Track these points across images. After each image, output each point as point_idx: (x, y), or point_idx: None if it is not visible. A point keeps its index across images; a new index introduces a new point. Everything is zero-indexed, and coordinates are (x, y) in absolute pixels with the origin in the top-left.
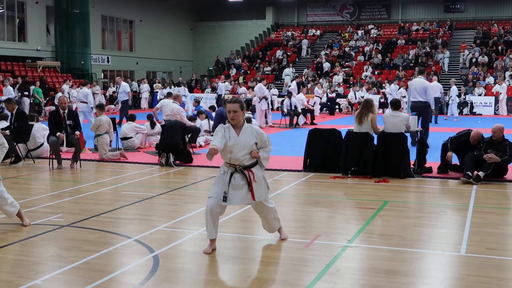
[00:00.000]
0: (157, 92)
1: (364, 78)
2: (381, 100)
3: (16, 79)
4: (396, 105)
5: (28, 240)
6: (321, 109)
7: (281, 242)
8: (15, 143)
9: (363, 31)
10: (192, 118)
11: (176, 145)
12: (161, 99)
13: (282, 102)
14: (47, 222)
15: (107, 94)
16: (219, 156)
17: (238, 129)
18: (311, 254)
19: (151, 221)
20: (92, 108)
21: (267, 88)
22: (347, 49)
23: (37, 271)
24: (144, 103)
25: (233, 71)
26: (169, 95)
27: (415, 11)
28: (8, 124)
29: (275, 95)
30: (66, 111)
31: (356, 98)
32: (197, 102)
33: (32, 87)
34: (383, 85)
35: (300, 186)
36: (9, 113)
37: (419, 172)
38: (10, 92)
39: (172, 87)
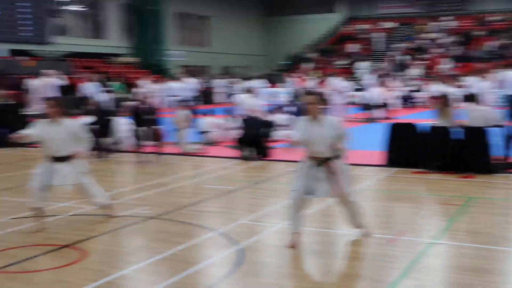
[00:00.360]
0: (234, 86)
1: (441, 71)
2: (461, 94)
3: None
4: (476, 99)
5: (117, 231)
6: (398, 103)
7: (365, 237)
8: (99, 138)
9: (440, 23)
10: (270, 112)
11: (255, 139)
12: (238, 94)
13: (357, 96)
14: (134, 214)
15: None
16: (297, 150)
17: (317, 122)
18: (395, 250)
19: (233, 214)
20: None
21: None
22: (422, 41)
23: (126, 261)
24: (220, 98)
25: (305, 65)
26: (246, 89)
27: (493, 1)
28: (92, 119)
29: (346, 89)
30: (146, 106)
31: (434, 92)
32: (273, 96)
33: (113, 83)
34: (462, 78)
35: (382, 181)
36: (92, 109)
37: (503, 167)
38: (93, 88)
39: (252, 80)
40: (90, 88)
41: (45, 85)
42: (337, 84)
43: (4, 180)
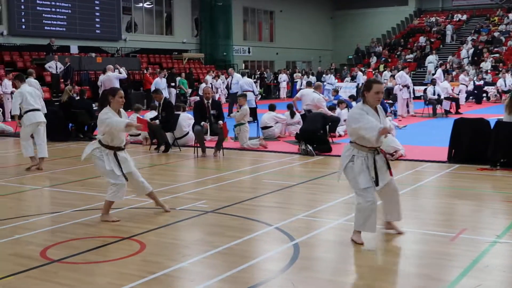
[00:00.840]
0: (297, 81)
1: None
2: None
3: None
4: None
5: (175, 225)
6: (467, 98)
7: (424, 235)
8: (163, 132)
9: None
10: (332, 108)
11: (314, 135)
12: (301, 89)
13: (425, 90)
14: (192, 208)
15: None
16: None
17: (376, 110)
18: (456, 248)
19: (291, 209)
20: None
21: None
22: (496, 33)
23: (184, 254)
24: (282, 93)
25: (373, 60)
26: (309, 84)
27: None
28: (156, 114)
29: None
30: (210, 101)
31: (506, 86)
32: (336, 91)
33: (178, 78)
34: None
35: (444, 177)
36: (157, 104)
37: None
38: (161, 83)
39: (316, 75)
40: (159, 84)
41: (109, 79)
42: (404, 78)
43: (71, 173)
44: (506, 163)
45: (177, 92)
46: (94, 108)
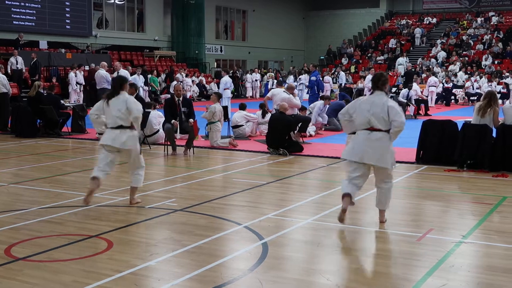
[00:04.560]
0: (268, 81)
1: (483, 68)
2: (502, 91)
3: (134, 68)
4: None
5: (143, 223)
6: (436, 100)
7: (392, 235)
8: None
9: (483, 18)
10: (302, 108)
11: (284, 135)
12: (272, 88)
13: (395, 92)
14: (161, 206)
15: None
16: (329, 147)
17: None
18: (423, 248)
19: (260, 208)
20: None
21: None
22: (465, 37)
23: (152, 252)
24: (249, 92)
25: (345, 61)
26: (279, 84)
27: None
28: None
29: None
30: (181, 99)
31: (474, 89)
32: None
33: (149, 76)
34: (503, 75)
35: (412, 178)
36: None
37: None
38: (138, 80)
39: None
40: (136, 81)
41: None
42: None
43: (39, 170)
44: (473, 164)
45: (148, 89)
46: (63, 104)
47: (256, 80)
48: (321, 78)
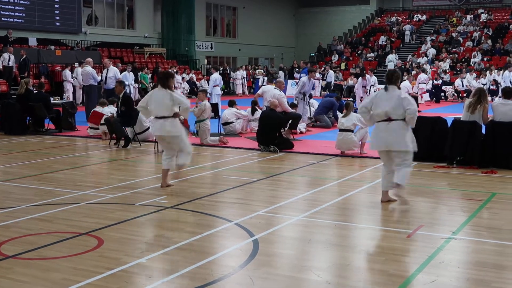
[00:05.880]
0: (258, 78)
1: (472, 65)
2: (492, 88)
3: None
4: (509, 93)
5: (134, 220)
6: (427, 97)
7: (382, 232)
8: (123, 127)
9: (472, 15)
10: (293, 105)
11: (273, 132)
12: (262, 85)
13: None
14: (152, 203)
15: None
16: (319, 144)
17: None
18: (413, 244)
19: (251, 205)
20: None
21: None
22: (454, 34)
23: (142, 250)
24: (239, 89)
25: (335, 58)
26: (270, 81)
27: None
28: (115, 108)
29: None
30: None
31: (463, 86)
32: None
33: (139, 73)
34: (492, 71)
35: None
36: (116, 98)
37: None
38: (129, 77)
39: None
40: (126, 78)
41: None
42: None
43: (28, 167)
44: (462, 161)
45: (138, 86)
46: (52, 101)
47: (243, 78)
48: None
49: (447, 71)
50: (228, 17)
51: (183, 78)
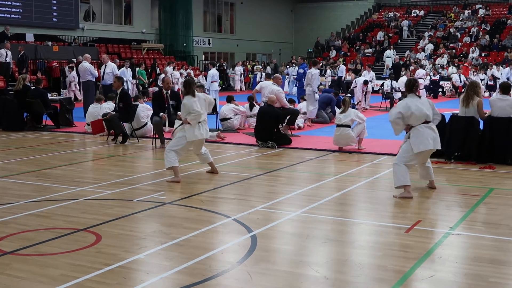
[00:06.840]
0: (256, 74)
1: (470, 60)
2: (489, 83)
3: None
4: (507, 89)
5: (132, 216)
6: (425, 92)
7: (380, 227)
8: (121, 123)
9: (470, 11)
10: (291, 101)
11: (271, 128)
12: (260, 81)
13: (382, 84)
14: (150, 199)
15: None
16: (317, 140)
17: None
18: (411, 240)
19: (249, 201)
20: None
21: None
22: (452, 30)
23: (140, 245)
24: (237, 85)
25: (333, 53)
26: (268, 76)
27: None
28: (113, 104)
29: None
30: (169, 92)
31: (461, 81)
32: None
33: (136, 69)
34: (491, 67)
35: None
36: (114, 94)
37: None
38: (126, 73)
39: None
40: (124, 74)
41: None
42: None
43: (26, 163)
44: (460, 156)
45: (136, 82)
46: (50, 97)
47: (240, 74)
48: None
49: (445, 66)
50: (226, 13)
51: (181, 74)
